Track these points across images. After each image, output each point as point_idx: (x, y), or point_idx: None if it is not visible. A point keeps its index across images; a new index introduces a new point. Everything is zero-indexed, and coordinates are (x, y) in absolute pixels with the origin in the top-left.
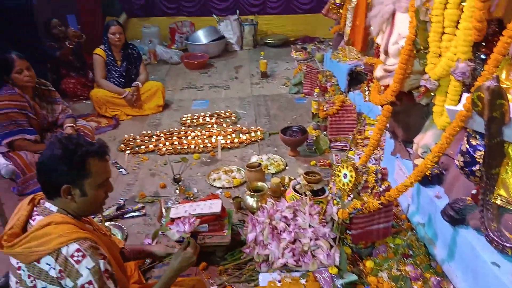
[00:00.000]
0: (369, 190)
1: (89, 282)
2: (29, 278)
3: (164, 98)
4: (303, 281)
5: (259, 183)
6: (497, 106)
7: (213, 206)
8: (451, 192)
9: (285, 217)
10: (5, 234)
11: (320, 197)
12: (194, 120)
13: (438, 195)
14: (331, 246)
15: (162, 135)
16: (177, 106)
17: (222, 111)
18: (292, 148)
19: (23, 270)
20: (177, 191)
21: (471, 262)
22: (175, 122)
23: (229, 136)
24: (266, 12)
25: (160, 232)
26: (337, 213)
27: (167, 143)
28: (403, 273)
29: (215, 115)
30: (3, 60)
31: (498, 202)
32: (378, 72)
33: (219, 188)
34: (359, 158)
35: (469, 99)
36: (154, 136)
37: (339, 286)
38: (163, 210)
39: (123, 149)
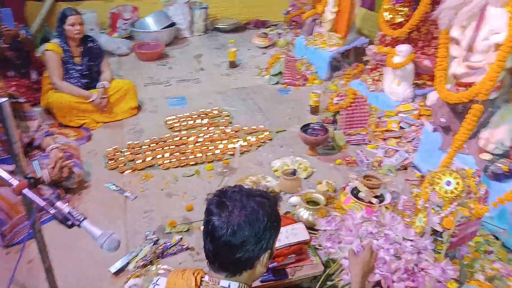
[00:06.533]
0: (473, 195)
1: None
2: None
3: (137, 99)
4: None
5: (314, 194)
6: None
7: (298, 232)
8: None
9: (371, 233)
10: None
11: (383, 203)
12: (183, 123)
13: None
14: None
15: (154, 144)
16: (151, 106)
17: (209, 110)
18: (311, 147)
19: None
20: None
21: None
22: (159, 127)
23: (234, 140)
24: None
25: None
26: (440, 223)
27: (167, 154)
28: (494, 271)
29: (204, 114)
30: None
31: None
32: (459, 68)
33: None
34: (385, 151)
35: None
36: (144, 147)
37: None
38: None
39: (114, 166)
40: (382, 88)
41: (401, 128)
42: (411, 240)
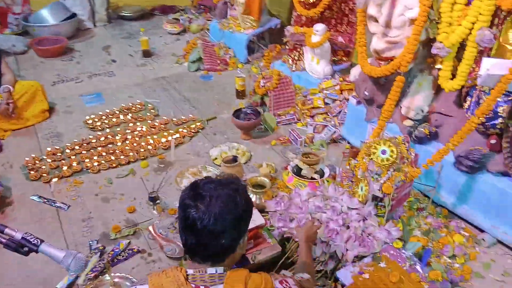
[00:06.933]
0: (406, 160)
1: None
2: None
3: (47, 100)
4: (382, 264)
5: (259, 178)
6: None
7: (254, 218)
8: None
9: (319, 207)
10: None
11: (324, 177)
12: (105, 121)
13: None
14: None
15: (77, 147)
16: (64, 106)
17: (130, 104)
18: (245, 131)
19: None
20: (155, 211)
21: (496, 200)
22: (79, 128)
23: (165, 133)
24: None
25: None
26: (380, 189)
27: (95, 157)
28: (428, 225)
29: (126, 109)
30: None
31: None
32: (379, 44)
33: None
34: (314, 128)
35: None
36: (67, 151)
37: (411, 256)
38: (157, 236)
39: (37, 176)
40: (303, 67)
41: (326, 104)
42: (355, 209)
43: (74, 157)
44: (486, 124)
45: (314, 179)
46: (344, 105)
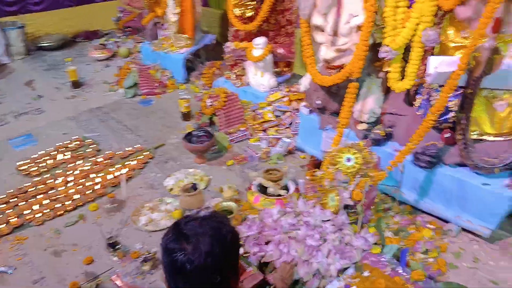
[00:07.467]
0: (370, 164)
1: None
2: None
3: None
4: (366, 273)
5: (224, 203)
6: (490, 60)
7: None
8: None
9: (292, 224)
10: None
11: (290, 192)
12: (41, 164)
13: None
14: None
15: (14, 199)
16: None
17: (67, 141)
18: (199, 155)
19: None
20: (115, 258)
21: (455, 191)
22: (11, 176)
23: (111, 169)
24: (28, 10)
25: None
26: (350, 197)
27: (36, 206)
28: (396, 225)
29: (63, 148)
30: None
31: (474, 136)
32: (329, 53)
33: (164, 229)
34: (268, 142)
35: (464, 59)
36: (2, 206)
37: (390, 259)
38: (124, 285)
39: None
40: (248, 82)
41: (277, 116)
42: (328, 220)
43: (11, 210)
44: (439, 119)
45: (281, 195)
46: (295, 115)
